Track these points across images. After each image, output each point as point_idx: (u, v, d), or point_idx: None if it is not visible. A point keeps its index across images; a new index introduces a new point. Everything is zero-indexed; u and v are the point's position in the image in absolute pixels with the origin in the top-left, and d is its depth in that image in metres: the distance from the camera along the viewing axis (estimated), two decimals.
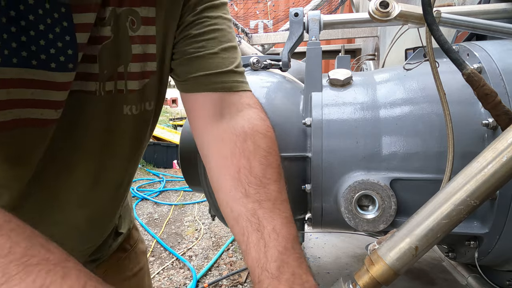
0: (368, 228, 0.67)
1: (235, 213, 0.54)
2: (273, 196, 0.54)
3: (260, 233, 0.51)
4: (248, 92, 0.64)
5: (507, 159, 0.47)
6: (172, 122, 6.92)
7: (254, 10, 5.42)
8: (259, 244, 0.50)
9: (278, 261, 0.48)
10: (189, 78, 0.60)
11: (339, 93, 0.77)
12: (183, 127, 0.92)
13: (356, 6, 4.37)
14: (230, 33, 0.62)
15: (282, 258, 0.49)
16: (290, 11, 0.86)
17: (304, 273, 0.49)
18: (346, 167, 0.71)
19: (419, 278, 1.05)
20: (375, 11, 0.68)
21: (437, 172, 0.67)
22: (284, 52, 0.86)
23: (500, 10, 0.79)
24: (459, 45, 0.77)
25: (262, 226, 0.51)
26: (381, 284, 0.55)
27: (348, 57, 0.92)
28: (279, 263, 0.48)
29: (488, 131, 0.65)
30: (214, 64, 0.59)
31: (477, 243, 0.71)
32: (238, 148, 0.57)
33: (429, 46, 0.62)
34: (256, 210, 0.53)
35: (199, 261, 2.79)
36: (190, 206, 3.88)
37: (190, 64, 0.60)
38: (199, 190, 0.88)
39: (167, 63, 0.62)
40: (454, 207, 0.50)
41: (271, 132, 0.60)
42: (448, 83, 0.68)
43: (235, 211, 0.54)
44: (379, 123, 0.71)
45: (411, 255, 0.52)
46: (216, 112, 0.59)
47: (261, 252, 0.50)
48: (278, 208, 0.54)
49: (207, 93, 0.59)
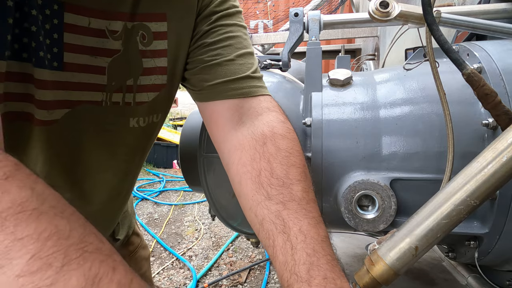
0: (368, 228, 0.67)
1: (259, 218, 0.52)
2: (298, 196, 0.52)
3: (286, 235, 0.48)
4: (267, 96, 0.62)
5: (507, 159, 0.47)
6: (172, 122, 6.92)
7: (254, 10, 5.42)
8: (285, 246, 0.48)
9: (307, 263, 0.45)
10: (205, 87, 0.59)
11: (339, 93, 0.77)
12: (183, 127, 0.92)
13: (356, 6, 4.37)
14: (245, 40, 0.62)
15: (312, 260, 0.46)
16: (290, 11, 0.86)
17: (337, 277, 0.45)
18: (346, 167, 0.71)
19: (419, 278, 1.05)
20: (375, 11, 0.68)
21: (437, 172, 0.67)
22: (284, 52, 0.86)
23: (500, 10, 0.79)
24: (459, 45, 0.77)
25: (288, 228, 0.49)
26: (381, 284, 0.55)
27: (348, 57, 0.92)
28: (309, 266, 0.45)
29: (488, 131, 0.65)
30: (231, 71, 0.58)
31: (477, 243, 0.71)
32: (258, 152, 0.55)
33: (429, 46, 0.62)
34: (280, 211, 0.50)
35: (199, 261, 2.79)
36: (190, 206, 3.88)
37: (206, 72, 0.59)
38: (199, 190, 0.88)
39: (178, 76, 0.62)
40: (454, 207, 0.50)
41: (292, 133, 0.59)
42: (448, 83, 0.68)
43: (259, 215, 0.52)
44: (379, 123, 0.71)
45: (411, 255, 0.52)
46: (235, 119, 0.59)
47: (288, 255, 0.47)
48: (304, 208, 0.51)
49: (226, 100, 0.58)
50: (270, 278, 2.53)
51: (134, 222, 0.90)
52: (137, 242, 0.88)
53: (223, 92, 0.58)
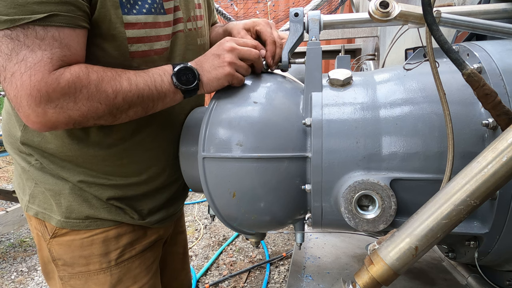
0: (368, 228, 0.67)
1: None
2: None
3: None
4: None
5: (507, 159, 0.47)
6: None
7: (254, 10, 5.42)
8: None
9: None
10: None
11: (339, 93, 0.77)
12: (184, 127, 0.92)
13: (356, 6, 4.37)
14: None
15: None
16: (290, 11, 0.86)
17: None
18: (346, 167, 0.71)
19: (419, 278, 1.05)
20: (375, 11, 0.68)
21: (437, 172, 0.67)
22: (284, 52, 0.86)
23: (500, 10, 0.79)
24: (459, 45, 0.77)
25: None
26: (381, 284, 0.55)
27: (348, 57, 0.92)
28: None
29: (488, 131, 0.65)
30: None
31: (477, 243, 0.71)
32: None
33: (429, 46, 0.62)
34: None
35: (199, 261, 2.79)
36: (190, 206, 3.88)
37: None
38: (199, 190, 0.88)
39: (207, 9, 1.03)
40: (454, 207, 0.50)
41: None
42: (448, 83, 0.68)
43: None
44: (379, 123, 0.71)
45: (411, 255, 0.52)
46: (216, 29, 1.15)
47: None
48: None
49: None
50: (270, 278, 2.53)
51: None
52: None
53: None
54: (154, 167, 0.90)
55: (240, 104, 0.79)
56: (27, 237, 3.22)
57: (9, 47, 0.60)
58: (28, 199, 0.87)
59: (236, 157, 0.75)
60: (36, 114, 0.63)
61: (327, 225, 0.78)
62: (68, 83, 0.64)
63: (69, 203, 0.83)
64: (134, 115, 0.74)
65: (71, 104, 0.65)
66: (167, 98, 0.76)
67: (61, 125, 0.67)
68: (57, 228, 0.85)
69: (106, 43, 0.73)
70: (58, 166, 0.82)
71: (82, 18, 0.66)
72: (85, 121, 0.68)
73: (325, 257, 1.23)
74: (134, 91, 0.71)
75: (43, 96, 0.62)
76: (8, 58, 0.60)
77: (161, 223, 0.96)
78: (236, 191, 0.76)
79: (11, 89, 0.62)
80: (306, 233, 1.41)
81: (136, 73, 0.73)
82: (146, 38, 0.77)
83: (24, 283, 2.57)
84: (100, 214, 0.85)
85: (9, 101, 0.83)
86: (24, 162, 0.85)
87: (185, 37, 0.88)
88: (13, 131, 0.85)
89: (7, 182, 4.87)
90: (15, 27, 0.60)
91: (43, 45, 0.62)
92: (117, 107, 0.70)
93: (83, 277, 0.87)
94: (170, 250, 1.16)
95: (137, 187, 0.88)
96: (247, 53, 0.81)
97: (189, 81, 0.76)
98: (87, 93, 0.66)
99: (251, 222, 0.80)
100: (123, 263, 0.89)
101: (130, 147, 0.84)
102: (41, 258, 0.93)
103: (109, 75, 0.69)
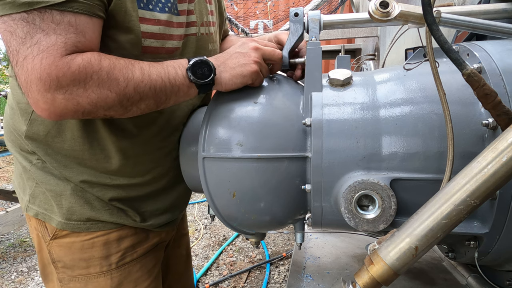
0: (368, 228, 0.67)
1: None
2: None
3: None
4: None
5: (507, 159, 0.47)
6: None
7: (254, 10, 5.42)
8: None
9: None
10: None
11: (339, 93, 0.77)
12: (185, 127, 0.92)
13: (356, 6, 4.37)
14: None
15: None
16: (290, 11, 0.86)
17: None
18: (346, 167, 0.71)
19: (419, 278, 1.05)
20: (375, 11, 0.68)
21: (437, 172, 0.67)
22: (284, 52, 0.86)
23: (500, 10, 0.79)
24: (459, 45, 0.77)
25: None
26: (381, 284, 0.55)
27: (348, 57, 0.92)
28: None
29: (488, 131, 0.65)
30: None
31: (477, 243, 0.71)
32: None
33: (429, 46, 0.62)
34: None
35: (199, 261, 2.79)
36: (190, 206, 3.88)
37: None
38: (199, 190, 0.88)
39: (219, 17, 1.05)
40: (454, 207, 0.50)
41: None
42: (448, 83, 0.68)
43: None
44: (379, 123, 0.71)
45: (411, 255, 0.52)
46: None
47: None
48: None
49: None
50: (270, 278, 2.53)
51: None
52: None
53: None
54: (159, 167, 0.89)
55: (240, 104, 0.79)
56: (27, 237, 3.22)
57: (24, 31, 0.59)
58: (29, 199, 0.86)
59: (236, 157, 0.75)
60: (45, 100, 0.62)
61: (327, 225, 0.78)
62: (79, 67, 0.62)
63: (70, 204, 0.83)
64: (146, 108, 0.73)
65: (80, 90, 0.64)
66: (181, 92, 0.74)
67: (70, 113, 0.66)
68: (57, 229, 0.84)
69: (120, 35, 0.72)
70: (61, 165, 0.82)
71: (99, 7, 0.66)
72: (95, 110, 0.67)
73: (325, 257, 1.23)
74: (146, 82, 0.69)
75: (52, 81, 0.61)
76: (22, 42, 0.59)
77: (163, 227, 0.96)
78: (236, 191, 0.76)
79: (22, 73, 0.61)
80: (306, 233, 1.41)
81: (150, 64, 0.71)
82: (159, 35, 0.77)
83: (24, 283, 2.57)
84: (102, 216, 0.84)
85: (13, 96, 0.83)
86: (25, 161, 0.85)
87: (197, 41, 0.89)
88: (17, 126, 0.84)
89: (7, 182, 4.87)
90: (32, 10, 0.59)
91: (58, 29, 0.61)
92: (128, 97, 0.68)
93: (82, 280, 0.86)
94: (174, 252, 1.15)
95: (140, 188, 0.88)
96: (271, 53, 0.81)
97: (205, 75, 0.74)
98: (97, 80, 0.64)
99: (251, 222, 0.80)
100: (124, 267, 0.88)
101: (137, 145, 0.84)
102: (40, 260, 0.92)
103: (122, 63, 0.68)
